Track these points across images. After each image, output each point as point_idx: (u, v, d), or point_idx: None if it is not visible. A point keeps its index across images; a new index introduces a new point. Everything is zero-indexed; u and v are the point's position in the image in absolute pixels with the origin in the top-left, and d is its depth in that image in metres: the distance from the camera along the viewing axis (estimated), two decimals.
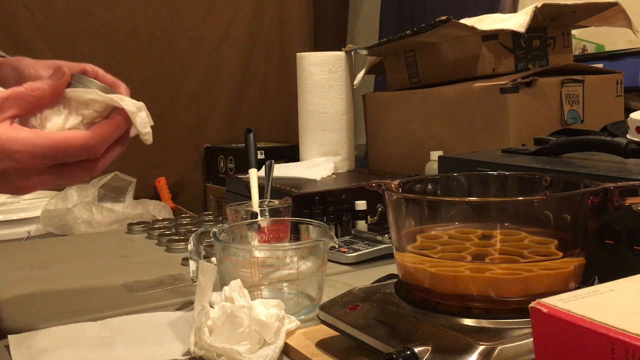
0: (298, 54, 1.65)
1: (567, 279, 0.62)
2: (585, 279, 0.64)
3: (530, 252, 0.61)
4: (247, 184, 1.17)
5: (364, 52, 1.66)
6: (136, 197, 1.92)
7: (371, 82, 2.44)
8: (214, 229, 0.85)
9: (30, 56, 2.02)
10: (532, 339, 0.44)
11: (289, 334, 0.72)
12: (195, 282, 0.85)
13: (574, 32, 1.58)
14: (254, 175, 1.16)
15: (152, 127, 0.73)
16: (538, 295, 0.47)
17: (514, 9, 2.06)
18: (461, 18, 1.44)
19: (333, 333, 0.69)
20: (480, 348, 0.53)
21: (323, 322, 0.69)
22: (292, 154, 1.83)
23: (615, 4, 1.39)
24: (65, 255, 1.25)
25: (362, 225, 1.22)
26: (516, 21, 1.34)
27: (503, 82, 1.29)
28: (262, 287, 0.80)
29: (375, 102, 1.66)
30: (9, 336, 0.78)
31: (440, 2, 2.28)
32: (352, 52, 1.64)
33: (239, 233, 0.93)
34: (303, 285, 0.81)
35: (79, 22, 2.05)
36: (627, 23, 1.43)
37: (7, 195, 1.82)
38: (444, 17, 1.33)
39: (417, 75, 1.57)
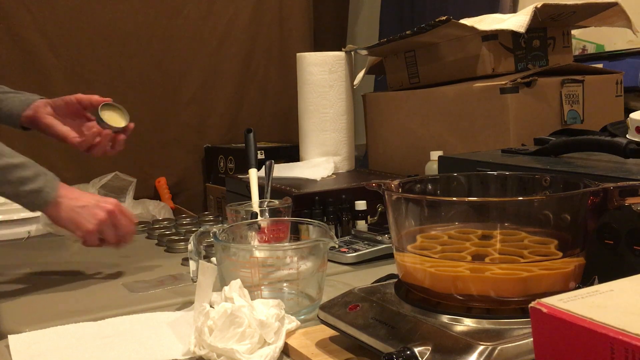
0: (298, 54, 1.65)
1: (567, 279, 0.62)
2: (585, 279, 0.64)
3: (530, 252, 0.61)
4: (247, 184, 1.17)
5: (364, 52, 1.66)
6: (136, 197, 1.91)
7: (371, 82, 2.44)
8: (214, 229, 0.85)
9: (30, 56, 2.01)
10: (532, 339, 0.44)
11: (289, 334, 0.72)
12: (195, 282, 0.85)
13: (574, 32, 1.58)
14: (254, 175, 1.16)
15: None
16: (538, 295, 0.47)
17: (514, 9, 2.06)
18: (461, 18, 1.44)
19: (333, 333, 0.69)
20: (480, 348, 0.53)
21: (323, 322, 0.69)
22: (292, 154, 1.83)
23: (615, 4, 1.39)
24: (65, 255, 1.25)
25: (362, 225, 1.22)
26: (516, 21, 1.34)
27: (503, 82, 1.29)
28: (262, 287, 0.80)
29: (375, 102, 1.66)
30: (9, 336, 0.78)
31: (440, 2, 2.27)
32: (352, 52, 1.63)
33: (239, 233, 0.93)
34: (303, 285, 0.81)
35: (79, 22, 2.05)
36: (627, 23, 1.43)
37: None
38: (444, 17, 1.33)
39: (417, 75, 1.57)
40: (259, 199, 1.14)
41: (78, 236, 1.00)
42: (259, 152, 1.71)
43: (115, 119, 1.10)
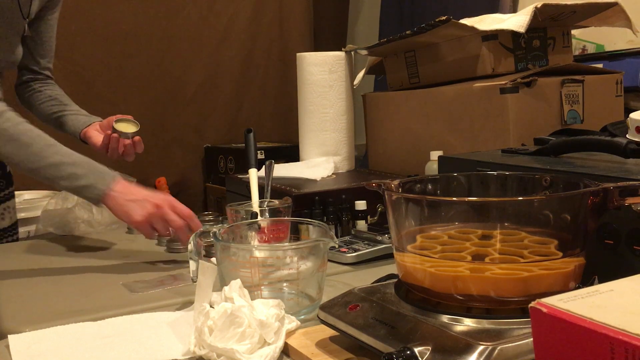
0: (298, 54, 1.65)
1: (567, 279, 0.62)
2: (585, 279, 0.64)
3: (530, 252, 0.61)
4: (247, 184, 1.17)
5: (364, 52, 1.66)
6: None
7: (371, 82, 2.44)
8: (214, 229, 0.85)
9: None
10: (532, 339, 0.44)
11: (289, 334, 0.72)
12: (195, 282, 0.85)
13: (574, 32, 1.58)
14: (254, 175, 1.16)
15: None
16: (538, 295, 0.47)
17: (514, 9, 2.06)
18: (461, 18, 1.44)
19: (333, 333, 0.69)
20: (480, 348, 0.53)
21: (323, 322, 0.69)
22: (292, 154, 1.83)
23: (615, 4, 1.39)
24: (65, 256, 1.25)
25: (362, 225, 1.22)
26: (516, 21, 1.34)
27: (503, 82, 1.29)
28: (262, 287, 0.80)
29: (375, 102, 1.66)
30: (9, 336, 0.78)
31: (440, 2, 2.28)
32: (352, 52, 1.63)
33: (239, 233, 0.93)
34: (303, 285, 0.81)
35: (79, 22, 2.05)
36: (627, 23, 1.43)
37: None
38: (444, 17, 1.33)
39: (417, 75, 1.57)
40: (259, 199, 1.14)
41: (132, 227, 1.10)
42: (259, 152, 1.71)
43: (126, 128, 1.33)
